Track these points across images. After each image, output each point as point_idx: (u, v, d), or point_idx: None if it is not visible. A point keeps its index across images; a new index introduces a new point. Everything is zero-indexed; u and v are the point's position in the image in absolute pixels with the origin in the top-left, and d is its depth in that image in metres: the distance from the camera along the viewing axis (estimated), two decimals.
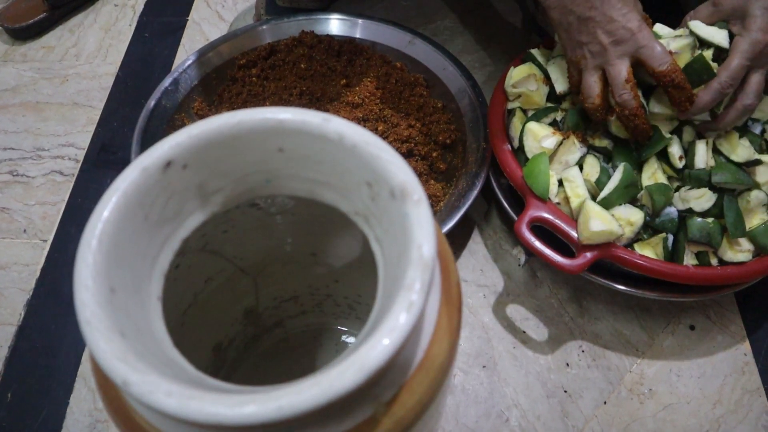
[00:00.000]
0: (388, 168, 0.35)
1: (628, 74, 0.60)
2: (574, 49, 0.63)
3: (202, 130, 0.37)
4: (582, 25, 0.60)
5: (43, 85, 0.97)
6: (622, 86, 0.60)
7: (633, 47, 0.59)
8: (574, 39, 0.62)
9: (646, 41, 0.59)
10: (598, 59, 0.61)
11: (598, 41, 0.60)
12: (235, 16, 1.05)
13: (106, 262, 0.33)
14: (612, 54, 0.60)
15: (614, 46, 0.59)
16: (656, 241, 0.64)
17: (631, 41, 0.59)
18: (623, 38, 0.59)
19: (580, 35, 0.61)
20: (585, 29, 0.60)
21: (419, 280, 0.31)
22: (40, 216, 0.82)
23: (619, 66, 0.60)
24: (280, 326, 0.66)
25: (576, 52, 0.63)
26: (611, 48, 0.60)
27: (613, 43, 0.59)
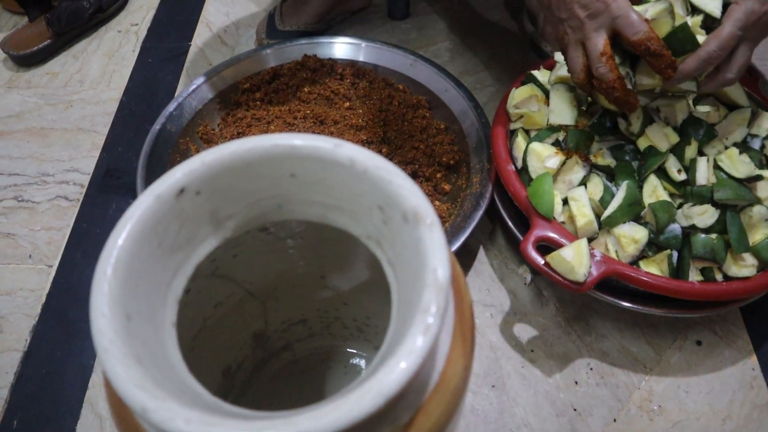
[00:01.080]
0: (399, 192, 0.35)
1: (603, 47, 0.60)
2: (556, 26, 0.64)
3: (215, 157, 0.37)
4: (560, 2, 0.62)
5: (47, 111, 0.98)
6: (598, 59, 0.60)
7: (608, 19, 0.59)
8: (555, 16, 0.63)
9: (621, 11, 0.58)
10: (578, 34, 0.62)
11: (575, 16, 0.61)
12: (237, 40, 1.06)
13: (122, 290, 0.33)
14: (588, 27, 0.60)
15: (590, 19, 0.60)
16: (661, 258, 0.64)
17: (605, 13, 0.59)
18: (598, 10, 0.59)
19: (560, 12, 0.62)
20: (563, 5, 0.61)
21: (435, 303, 0.31)
22: (46, 241, 0.82)
23: (596, 39, 0.60)
24: (288, 349, 0.66)
25: (558, 29, 0.64)
26: (588, 21, 0.60)
27: (588, 16, 0.60)
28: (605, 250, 0.65)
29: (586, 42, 0.61)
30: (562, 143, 0.71)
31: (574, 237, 0.64)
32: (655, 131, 0.68)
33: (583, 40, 0.62)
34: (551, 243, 0.63)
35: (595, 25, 0.60)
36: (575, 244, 0.61)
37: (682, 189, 0.66)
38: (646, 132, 0.69)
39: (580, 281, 0.59)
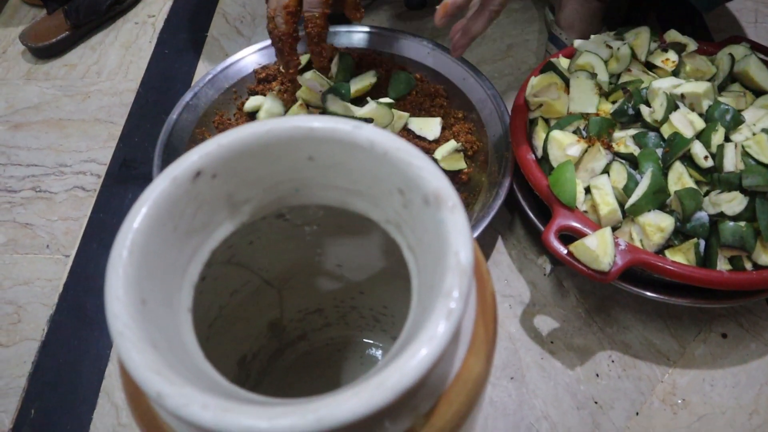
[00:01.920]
0: (420, 174, 0.34)
1: (289, 1, 0.63)
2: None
3: (231, 139, 0.37)
4: None
5: (65, 103, 0.98)
6: (280, 9, 0.63)
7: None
8: None
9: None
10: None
11: None
12: (253, 30, 1.06)
13: (137, 273, 0.32)
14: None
15: None
16: (687, 246, 0.62)
17: None
18: None
19: None
20: None
21: (458, 287, 0.30)
22: (63, 231, 0.82)
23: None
24: (304, 339, 0.66)
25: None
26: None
27: None
28: (629, 239, 0.63)
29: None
30: (583, 131, 0.69)
31: (598, 226, 0.62)
32: (679, 118, 0.67)
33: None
34: (574, 232, 0.62)
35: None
36: (599, 233, 0.60)
37: (709, 176, 0.65)
38: (670, 118, 0.67)
39: (605, 271, 0.58)
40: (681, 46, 0.75)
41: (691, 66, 0.73)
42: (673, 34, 0.76)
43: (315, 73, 0.84)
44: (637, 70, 0.73)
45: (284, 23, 0.64)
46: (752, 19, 1.07)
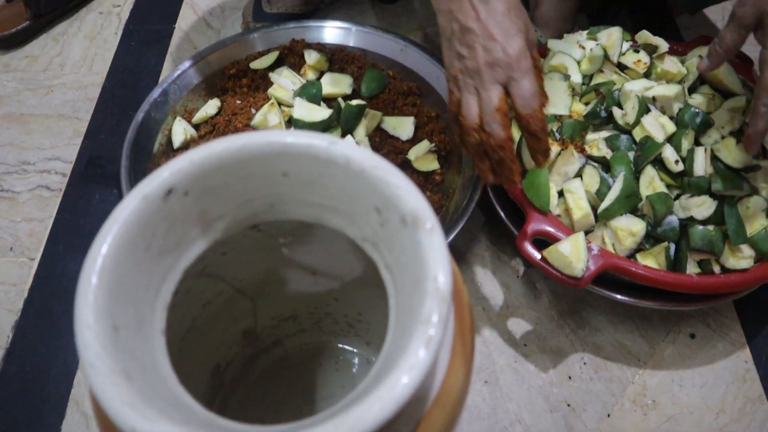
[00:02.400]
0: (397, 194, 0.34)
1: (499, 102, 0.54)
2: (452, 61, 0.57)
3: (203, 155, 0.36)
4: (463, 35, 0.55)
5: (27, 96, 0.95)
6: (492, 114, 0.54)
7: (505, 76, 0.54)
8: (455, 50, 0.56)
9: (520, 74, 0.54)
10: (474, 78, 0.55)
11: (474, 57, 0.54)
12: (222, 23, 1.03)
13: (108, 299, 0.31)
14: (486, 76, 0.54)
15: (489, 68, 0.54)
16: (658, 250, 0.63)
17: (505, 68, 0.53)
18: (499, 62, 0.53)
19: (461, 47, 0.55)
20: (465, 41, 0.55)
21: (437, 313, 0.30)
22: (27, 233, 0.80)
23: (492, 92, 0.54)
24: (278, 345, 0.65)
25: (454, 64, 0.57)
26: (486, 69, 0.54)
27: (488, 64, 0.54)
28: (602, 243, 0.64)
29: (480, 90, 0.55)
30: (556, 134, 0.69)
31: (571, 230, 0.63)
32: (651, 121, 0.67)
33: (477, 87, 0.55)
34: (548, 237, 0.62)
35: (493, 77, 0.54)
36: (572, 238, 0.60)
37: (680, 180, 0.66)
38: (641, 122, 0.67)
39: (578, 276, 0.59)
40: (652, 48, 0.76)
41: (662, 68, 0.73)
42: (645, 36, 0.77)
43: (287, 70, 0.83)
44: (609, 71, 0.74)
45: (502, 128, 0.54)
46: (720, 17, 1.08)
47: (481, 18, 0.53)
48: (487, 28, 0.53)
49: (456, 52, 0.56)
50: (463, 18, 0.54)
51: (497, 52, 0.53)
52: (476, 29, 0.53)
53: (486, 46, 0.53)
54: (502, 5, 0.53)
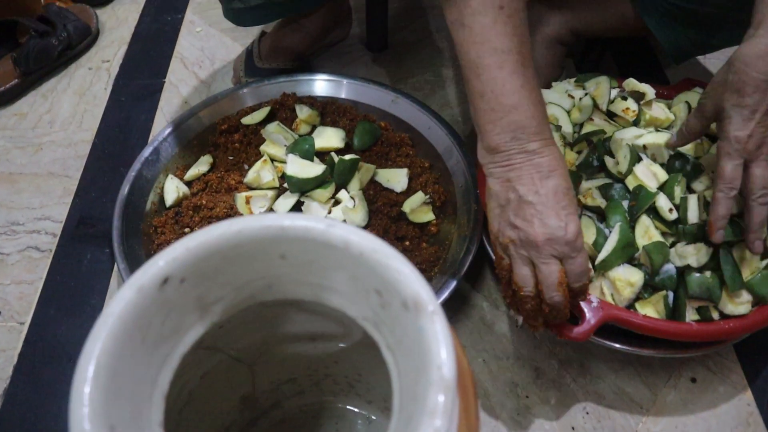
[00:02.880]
0: (398, 278, 0.33)
1: (560, 276, 0.55)
2: (503, 228, 0.57)
3: (199, 242, 0.35)
4: (520, 207, 0.55)
5: (16, 155, 0.95)
6: (554, 288, 0.55)
7: (563, 252, 0.55)
8: (508, 219, 0.56)
9: (577, 253, 0.55)
10: (529, 250, 0.56)
11: (532, 231, 0.54)
12: (213, 76, 1.04)
13: (104, 398, 0.30)
14: (545, 251, 0.55)
15: (548, 243, 0.54)
16: (656, 299, 0.63)
17: (563, 245, 0.54)
18: (558, 239, 0.54)
19: (516, 218, 0.55)
20: (522, 213, 0.55)
21: (442, 405, 0.29)
22: (16, 296, 0.79)
23: (552, 266, 0.55)
24: (277, 407, 0.64)
25: (506, 233, 0.57)
26: (544, 244, 0.54)
27: (547, 240, 0.54)
28: (600, 294, 0.63)
29: (539, 263, 0.55)
30: None
31: None
32: (643, 170, 0.68)
33: (533, 260, 0.56)
34: None
35: (550, 251, 0.54)
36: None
37: (674, 228, 0.66)
38: (634, 170, 0.68)
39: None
40: (639, 95, 0.77)
41: (651, 114, 0.74)
42: (631, 83, 0.78)
43: (279, 125, 0.83)
44: (599, 119, 0.74)
45: (563, 299, 0.55)
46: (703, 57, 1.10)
47: (541, 193, 0.54)
48: (546, 203, 0.54)
49: (509, 221, 0.56)
50: (523, 190, 0.54)
51: (558, 230, 0.54)
52: (536, 203, 0.54)
53: (544, 222, 0.54)
54: (562, 183, 0.55)
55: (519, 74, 0.54)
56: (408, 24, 1.14)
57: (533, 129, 0.54)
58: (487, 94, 0.55)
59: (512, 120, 0.54)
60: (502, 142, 0.55)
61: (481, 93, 0.55)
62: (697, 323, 0.62)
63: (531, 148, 0.55)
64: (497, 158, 0.56)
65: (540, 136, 0.55)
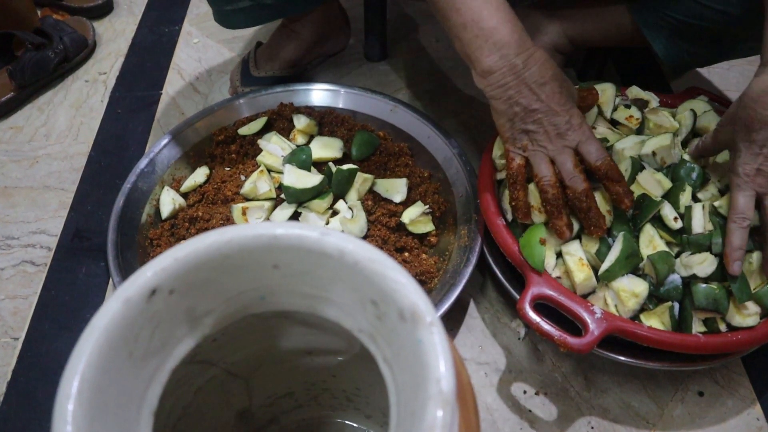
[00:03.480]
0: (395, 288, 0.32)
1: (574, 161, 0.63)
2: (517, 135, 0.65)
3: (188, 252, 0.34)
4: (528, 116, 0.63)
5: (11, 168, 0.94)
6: (572, 171, 0.63)
7: (574, 141, 0.63)
8: (519, 128, 0.64)
9: (585, 137, 0.63)
10: (546, 148, 0.64)
11: (544, 131, 0.63)
12: (210, 88, 1.03)
13: (89, 416, 0.29)
14: (558, 144, 0.63)
15: (559, 138, 0.63)
16: (662, 310, 0.62)
17: (573, 135, 0.63)
18: (566, 131, 0.62)
19: (526, 125, 0.63)
20: (531, 120, 0.63)
21: (441, 420, 0.28)
22: (11, 311, 0.77)
23: (566, 155, 0.63)
24: (274, 423, 0.62)
25: (520, 138, 0.65)
26: (556, 139, 0.63)
27: (558, 135, 0.63)
28: (604, 304, 0.62)
29: (556, 157, 0.63)
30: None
31: (572, 293, 0.61)
32: (646, 178, 0.66)
33: (550, 155, 0.64)
34: (549, 301, 0.60)
35: (563, 143, 0.63)
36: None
37: (679, 237, 0.64)
38: (637, 179, 0.67)
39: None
40: (643, 102, 0.76)
41: (654, 122, 0.73)
42: (635, 91, 0.77)
43: (276, 135, 0.82)
44: (603, 127, 0.73)
45: (582, 180, 0.63)
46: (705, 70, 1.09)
47: (542, 99, 0.62)
48: (550, 106, 0.62)
49: (521, 129, 0.64)
50: (525, 101, 0.62)
51: (564, 124, 0.62)
52: (540, 108, 0.62)
53: (552, 121, 0.62)
54: (556, 85, 0.62)
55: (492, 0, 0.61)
56: (407, 34, 1.13)
57: (516, 44, 0.61)
58: (469, 24, 0.61)
59: (496, 40, 0.61)
60: (492, 63, 0.61)
61: (463, 24, 0.61)
62: (705, 335, 0.61)
63: (518, 61, 0.61)
64: (492, 80, 0.62)
65: (523, 48, 0.61)
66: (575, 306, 0.59)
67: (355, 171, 0.76)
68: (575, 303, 0.60)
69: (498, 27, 0.60)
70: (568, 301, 0.60)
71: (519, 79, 0.61)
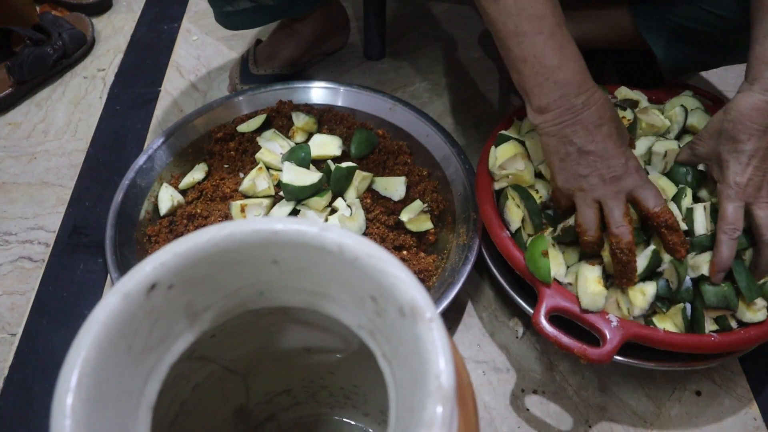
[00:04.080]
0: (394, 283, 0.32)
1: (625, 208, 0.60)
2: (569, 179, 0.62)
3: (187, 246, 0.34)
4: (582, 157, 0.60)
5: (9, 164, 0.93)
6: (620, 220, 0.60)
7: (630, 186, 0.60)
8: (572, 170, 0.61)
9: (642, 182, 0.60)
10: (596, 192, 0.61)
11: (598, 175, 0.60)
12: (209, 85, 1.03)
13: (88, 411, 0.29)
14: (611, 189, 0.60)
15: (613, 182, 0.60)
16: (674, 311, 0.62)
17: (629, 179, 0.60)
18: (621, 174, 0.60)
19: (579, 167, 0.60)
20: (585, 162, 0.60)
21: (440, 417, 0.28)
22: (8, 307, 0.77)
23: (617, 201, 0.60)
24: (272, 420, 0.62)
25: (572, 182, 0.62)
26: (610, 184, 0.60)
27: (612, 179, 0.60)
28: (616, 308, 0.62)
29: (606, 201, 0.61)
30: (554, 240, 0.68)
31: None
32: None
33: (600, 200, 0.61)
34: (564, 313, 0.60)
35: (616, 188, 0.60)
36: None
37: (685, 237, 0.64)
38: None
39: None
40: (633, 102, 0.76)
41: (647, 122, 0.73)
42: (624, 92, 0.77)
43: (275, 133, 0.82)
44: None
45: (629, 232, 0.60)
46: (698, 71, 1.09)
47: (597, 140, 0.59)
48: (605, 149, 0.59)
49: (574, 172, 0.61)
50: (580, 141, 0.59)
51: (619, 168, 0.59)
52: (595, 150, 0.59)
53: (607, 164, 0.59)
54: (613, 127, 0.60)
55: (557, 36, 0.58)
56: (406, 32, 1.13)
57: (577, 84, 0.59)
58: (530, 59, 0.59)
59: (557, 79, 0.58)
60: (551, 102, 0.59)
61: (524, 59, 0.59)
62: (718, 334, 0.61)
63: (578, 101, 0.59)
64: (548, 117, 0.60)
65: (584, 88, 0.59)
66: (592, 317, 0.60)
67: (354, 169, 0.76)
68: (591, 314, 0.60)
69: (561, 66, 0.58)
70: (584, 312, 0.60)
71: (576, 119, 0.59)
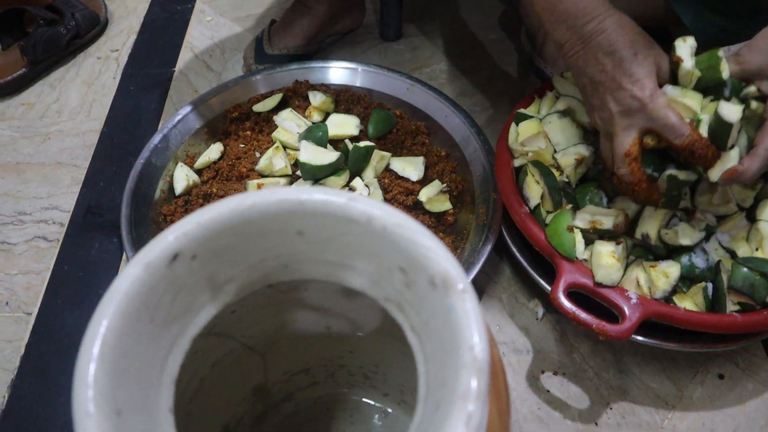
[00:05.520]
0: (425, 254, 0.31)
1: (629, 147, 0.56)
2: (589, 113, 0.60)
3: (211, 216, 0.33)
4: (593, 89, 0.57)
5: (23, 145, 0.93)
6: (621, 159, 0.56)
7: (643, 120, 0.55)
8: (588, 102, 0.59)
9: (659, 113, 0.54)
10: (607, 126, 0.58)
11: (607, 108, 0.56)
12: (223, 65, 1.02)
13: (111, 381, 0.28)
14: (618, 124, 0.56)
15: (622, 116, 0.55)
16: (695, 291, 0.61)
17: (640, 113, 0.54)
18: (632, 108, 0.55)
19: (592, 99, 0.58)
20: (596, 94, 0.57)
21: (476, 388, 0.27)
22: (24, 287, 0.77)
23: (622, 138, 0.56)
24: (290, 400, 0.62)
25: (591, 115, 0.60)
26: (618, 118, 0.56)
27: (620, 113, 0.55)
28: (636, 287, 0.61)
29: (613, 138, 0.57)
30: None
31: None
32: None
33: (611, 134, 0.57)
34: (582, 289, 0.59)
35: (626, 123, 0.56)
36: None
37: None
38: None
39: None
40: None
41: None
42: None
43: (291, 112, 0.81)
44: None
45: (629, 172, 0.56)
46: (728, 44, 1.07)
47: (607, 70, 0.55)
48: (614, 78, 0.55)
49: (590, 104, 0.59)
50: (591, 72, 0.56)
51: (628, 101, 0.54)
52: (604, 81, 0.56)
53: (615, 96, 0.55)
54: (627, 52, 0.55)
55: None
56: (423, 13, 1.11)
57: (583, 11, 0.56)
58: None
59: (562, 10, 0.56)
60: (562, 34, 0.57)
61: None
62: (741, 314, 0.59)
63: (587, 30, 0.56)
64: (565, 50, 0.58)
65: (593, 15, 0.55)
66: (611, 293, 0.58)
67: (372, 148, 0.75)
68: (610, 290, 0.59)
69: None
70: (603, 288, 0.59)
71: (586, 47, 0.56)
